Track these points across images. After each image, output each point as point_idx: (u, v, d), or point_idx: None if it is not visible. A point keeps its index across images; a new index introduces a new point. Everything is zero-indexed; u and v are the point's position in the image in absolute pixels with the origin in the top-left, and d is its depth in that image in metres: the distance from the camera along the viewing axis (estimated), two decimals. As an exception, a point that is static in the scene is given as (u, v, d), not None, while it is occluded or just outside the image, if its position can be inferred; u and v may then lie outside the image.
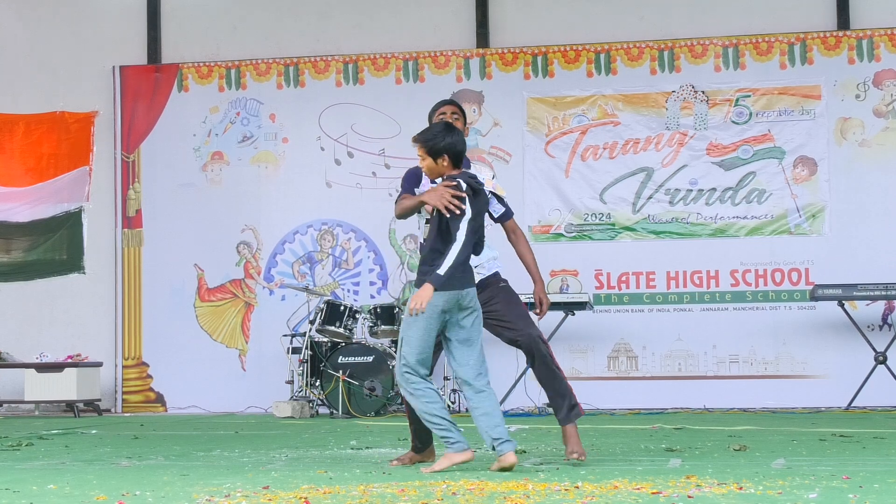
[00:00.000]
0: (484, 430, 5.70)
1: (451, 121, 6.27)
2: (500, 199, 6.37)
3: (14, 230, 13.41)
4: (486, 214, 6.20)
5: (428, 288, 5.61)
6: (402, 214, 6.05)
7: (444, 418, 5.67)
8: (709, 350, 12.19)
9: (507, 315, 6.14)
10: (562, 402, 6.24)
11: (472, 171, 6.22)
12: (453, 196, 5.66)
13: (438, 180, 5.88)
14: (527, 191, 12.47)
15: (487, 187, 6.18)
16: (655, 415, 11.00)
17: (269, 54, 13.12)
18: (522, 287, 6.47)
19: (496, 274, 6.27)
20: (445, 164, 5.85)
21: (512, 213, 6.45)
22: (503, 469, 5.59)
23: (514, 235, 6.46)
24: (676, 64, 12.45)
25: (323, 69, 13.01)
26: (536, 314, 6.36)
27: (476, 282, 5.94)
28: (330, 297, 11.98)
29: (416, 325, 5.68)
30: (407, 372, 5.72)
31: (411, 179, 6.29)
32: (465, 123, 6.45)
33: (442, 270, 5.61)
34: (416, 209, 5.96)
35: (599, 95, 12.55)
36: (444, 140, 5.83)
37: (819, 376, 11.96)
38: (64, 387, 12.13)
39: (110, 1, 13.53)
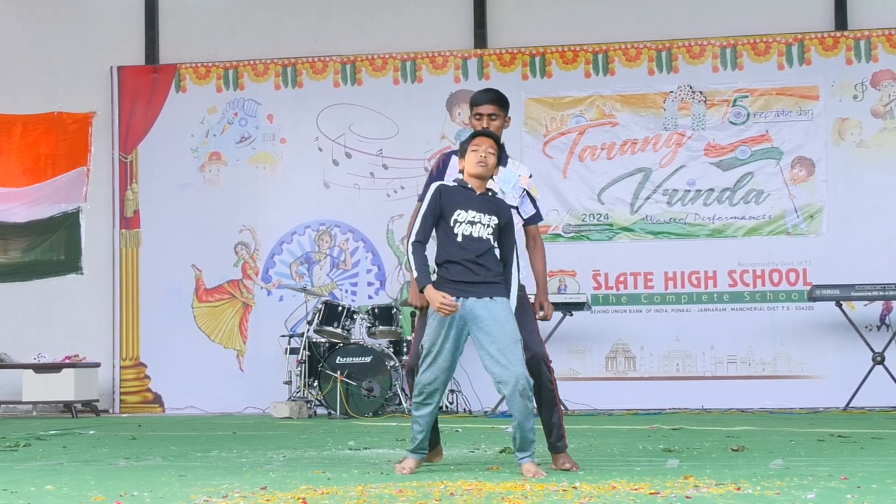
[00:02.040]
0: None
1: (487, 123, 6.16)
2: (533, 200, 6.20)
3: (12, 231, 13.40)
4: (516, 214, 6.09)
5: None
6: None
7: None
8: (707, 350, 12.20)
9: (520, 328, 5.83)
10: (550, 430, 5.94)
11: (510, 165, 6.15)
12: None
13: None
14: (525, 191, 12.46)
15: (522, 184, 6.15)
16: (653, 415, 11.00)
17: (267, 55, 13.12)
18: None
19: (521, 286, 5.93)
20: (496, 174, 5.90)
21: (539, 219, 6.24)
22: None
23: (532, 242, 6.24)
24: (674, 64, 12.46)
25: (321, 70, 13.01)
26: (540, 318, 6.13)
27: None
28: (328, 298, 11.98)
29: None
30: None
31: (437, 178, 6.15)
32: (506, 115, 6.31)
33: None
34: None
35: (597, 96, 12.55)
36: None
37: (817, 377, 11.96)
38: (62, 387, 12.13)
39: (108, 1, 13.53)
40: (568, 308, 11.64)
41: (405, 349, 11.57)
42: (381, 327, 11.62)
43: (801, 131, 12.22)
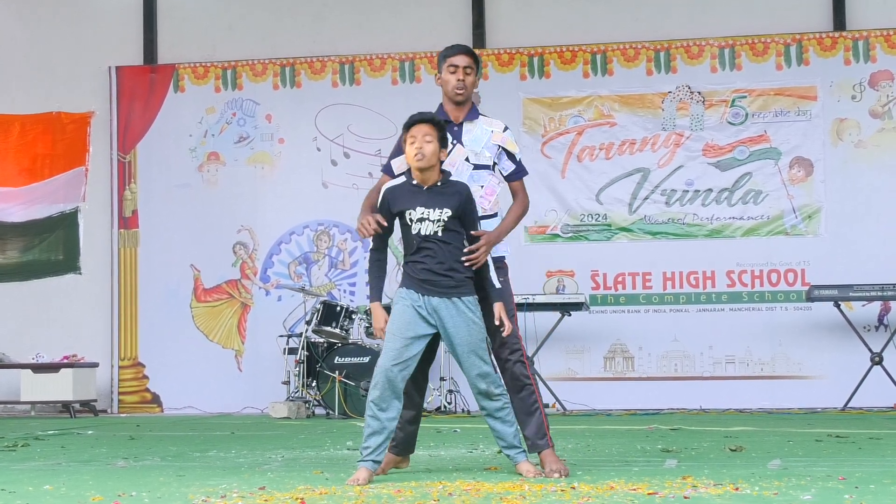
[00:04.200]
0: None
1: (462, 76, 5.76)
2: (511, 156, 5.88)
3: (9, 230, 13.39)
4: (499, 173, 5.82)
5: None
6: None
7: None
8: (705, 351, 12.20)
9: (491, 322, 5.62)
10: (527, 421, 5.62)
11: (481, 122, 5.82)
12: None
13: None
14: (523, 191, 12.45)
15: (496, 140, 5.83)
16: (651, 415, 11.00)
17: (266, 55, 13.12)
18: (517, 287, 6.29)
19: (501, 257, 5.77)
20: (444, 158, 5.58)
21: (521, 174, 5.90)
22: None
23: (514, 197, 5.91)
24: (673, 65, 12.46)
25: (319, 70, 13.01)
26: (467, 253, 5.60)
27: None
28: (326, 298, 11.97)
29: None
30: None
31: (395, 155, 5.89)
32: (478, 73, 5.86)
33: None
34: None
35: (596, 96, 12.55)
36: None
37: (815, 377, 11.97)
38: (60, 387, 12.13)
39: (106, 1, 13.53)
40: (566, 308, 11.65)
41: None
42: (379, 327, 11.60)
43: (799, 131, 12.23)
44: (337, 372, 11.20)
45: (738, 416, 10.89)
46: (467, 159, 5.79)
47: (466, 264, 5.52)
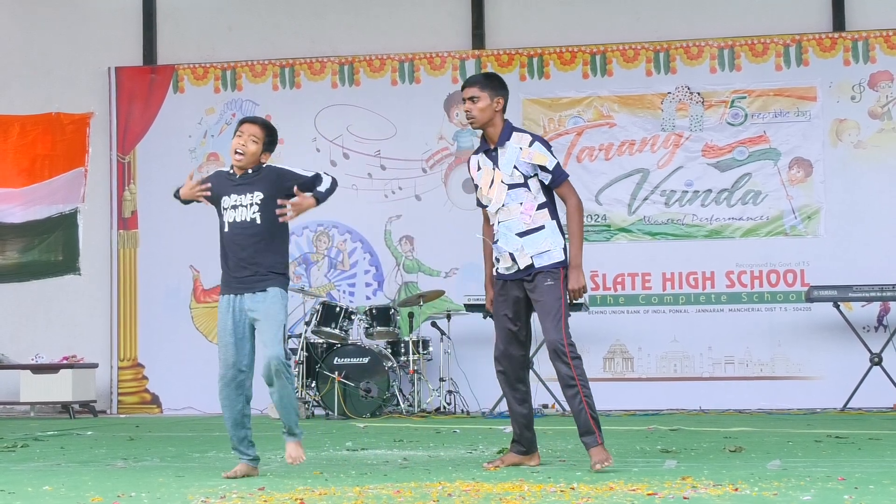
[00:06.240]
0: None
1: (469, 107, 6.04)
2: (544, 167, 6.00)
3: (9, 231, 13.39)
4: (540, 185, 5.98)
5: None
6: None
7: None
8: (704, 351, 12.20)
9: (539, 314, 6.03)
10: (577, 420, 5.86)
11: (513, 140, 6.01)
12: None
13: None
14: (522, 192, 12.45)
15: (524, 157, 5.97)
16: (651, 416, 11.00)
17: (265, 55, 13.12)
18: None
19: (556, 265, 5.99)
20: (265, 161, 5.94)
21: (560, 178, 6.02)
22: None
23: (565, 202, 6.08)
24: (672, 65, 12.46)
25: (318, 70, 13.01)
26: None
27: (522, 266, 5.95)
28: (325, 299, 11.97)
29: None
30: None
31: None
32: (496, 94, 6.10)
33: None
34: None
35: (595, 97, 12.55)
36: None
37: (814, 377, 11.96)
38: (59, 388, 12.12)
39: (106, 2, 13.52)
40: (566, 309, 11.62)
41: (402, 350, 11.56)
42: (378, 328, 11.62)
43: (798, 132, 12.23)
44: (336, 372, 11.20)
45: (738, 416, 10.89)
46: (503, 181, 6.00)
47: (576, 298, 6.01)
